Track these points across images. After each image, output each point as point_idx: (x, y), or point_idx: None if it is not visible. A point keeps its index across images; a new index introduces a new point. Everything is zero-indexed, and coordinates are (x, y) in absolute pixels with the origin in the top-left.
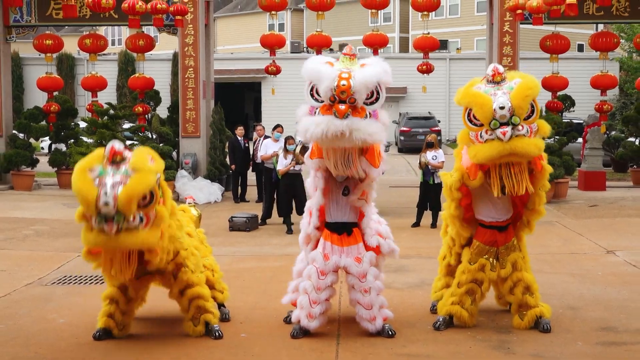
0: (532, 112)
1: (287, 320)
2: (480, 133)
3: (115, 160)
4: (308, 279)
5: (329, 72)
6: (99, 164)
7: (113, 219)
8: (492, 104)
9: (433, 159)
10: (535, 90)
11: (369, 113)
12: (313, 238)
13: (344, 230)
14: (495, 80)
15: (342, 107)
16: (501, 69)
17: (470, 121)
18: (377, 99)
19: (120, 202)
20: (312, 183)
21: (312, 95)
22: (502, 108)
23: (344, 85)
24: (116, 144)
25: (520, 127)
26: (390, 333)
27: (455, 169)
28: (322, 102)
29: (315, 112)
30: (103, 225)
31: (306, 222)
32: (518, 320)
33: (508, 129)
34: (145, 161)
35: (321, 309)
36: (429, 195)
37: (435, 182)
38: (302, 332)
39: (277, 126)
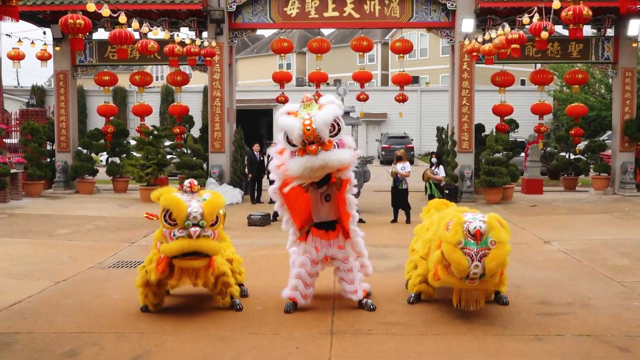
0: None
1: (286, 307)
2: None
3: (193, 191)
4: (302, 267)
5: (295, 123)
6: (178, 193)
7: (198, 224)
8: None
9: (402, 169)
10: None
11: (336, 143)
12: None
13: (328, 227)
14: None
15: (313, 147)
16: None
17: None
18: (339, 130)
19: (205, 211)
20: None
21: (288, 142)
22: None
23: (308, 130)
24: (194, 180)
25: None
26: (371, 307)
27: None
28: (296, 147)
29: (295, 155)
30: (189, 230)
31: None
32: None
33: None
34: (217, 196)
35: (312, 291)
36: (399, 197)
37: (403, 187)
38: (294, 308)
39: None
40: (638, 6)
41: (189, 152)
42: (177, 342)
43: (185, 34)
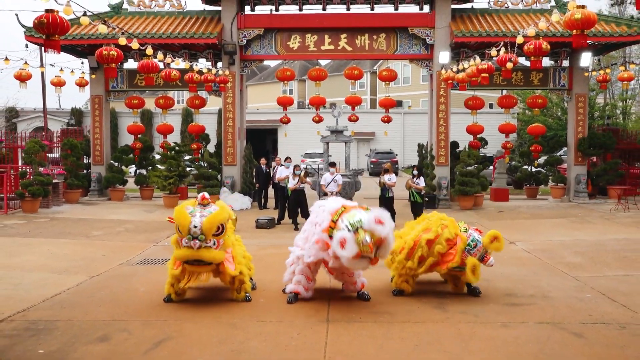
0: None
1: (289, 298)
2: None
3: (204, 203)
4: (308, 267)
5: (354, 249)
6: (192, 206)
7: (198, 238)
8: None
9: (388, 180)
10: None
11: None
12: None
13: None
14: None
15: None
16: (207, 195)
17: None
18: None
19: (204, 226)
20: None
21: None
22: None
23: (368, 250)
24: (206, 194)
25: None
26: (367, 297)
27: None
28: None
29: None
30: (191, 242)
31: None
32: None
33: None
34: (222, 209)
35: (313, 284)
36: (386, 204)
37: (389, 195)
38: (295, 300)
39: (287, 158)
40: (588, 42)
41: (205, 165)
42: (195, 328)
43: (202, 64)
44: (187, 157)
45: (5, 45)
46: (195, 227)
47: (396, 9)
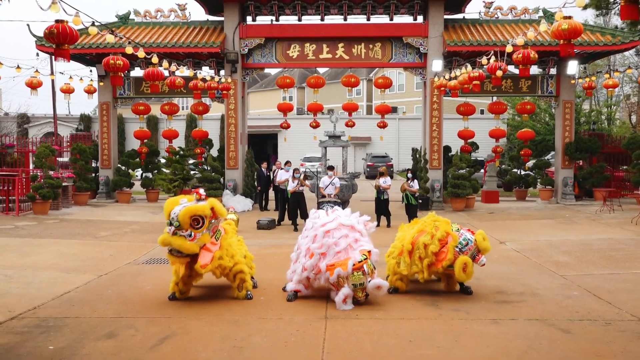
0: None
1: (289, 296)
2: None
3: (198, 198)
4: (306, 270)
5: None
6: (187, 199)
7: (172, 224)
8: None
9: (384, 183)
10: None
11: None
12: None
13: None
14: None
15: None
16: (202, 191)
17: None
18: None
19: (179, 214)
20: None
21: None
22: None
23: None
24: (201, 190)
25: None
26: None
27: None
28: None
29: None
30: (167, 227)
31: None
32: (448, 287)
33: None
34: (208, 202)
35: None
36: (381, 205)
37: (385, 197)
38: (295, 297)
39: (287, 162)
40: (575, 50)
41: (208, 168)
42: (199, 325)
43: (206, 72)
44: (191, 161)
45: (17, 54)
46: (174, 213)
47: (391, 19)
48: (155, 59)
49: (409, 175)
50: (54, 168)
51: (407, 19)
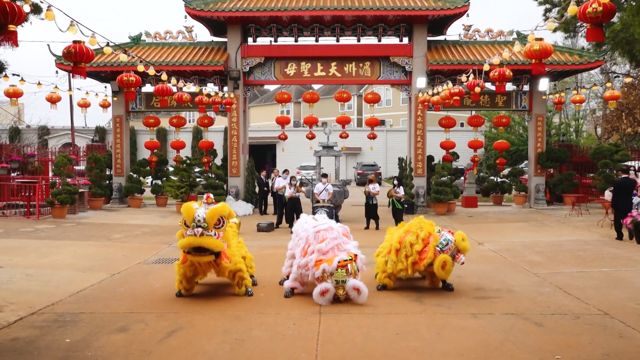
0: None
1: (286, 293)
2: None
3: (208, 202)
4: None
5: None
6: (198, 204)
7: (201, 226)
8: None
9: (373, 189)
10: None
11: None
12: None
13: None
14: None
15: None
16: (212, 195)
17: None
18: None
19: (207, 216)
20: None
21: None
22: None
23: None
24: (210, 194)
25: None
26: None
27: None
28: None
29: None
30: (194, 230)
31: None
32: (432, 284)
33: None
34: (223, 205)
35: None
36: (370, 210)
37: (374, 203)
38: (292, 294)
39: (285, 170)
40: (546, 69)
41: (213, 176)
42: (203, 320)
43: (210, 88)
44: (197, 169)
45: (39, 71)
46: (199, 216)
47: (379, 40)
48: (164, 76)
49: (395, 182)
50: (72, 176)
51: (393, 40)
